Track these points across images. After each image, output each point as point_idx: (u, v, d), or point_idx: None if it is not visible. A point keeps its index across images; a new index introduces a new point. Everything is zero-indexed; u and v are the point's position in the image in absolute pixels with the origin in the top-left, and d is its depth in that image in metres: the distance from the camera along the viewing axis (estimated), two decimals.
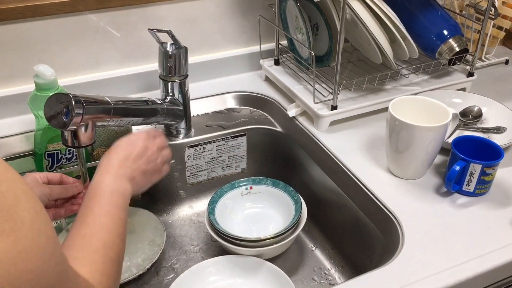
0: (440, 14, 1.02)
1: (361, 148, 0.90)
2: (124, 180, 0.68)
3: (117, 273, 0.59)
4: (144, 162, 0.73)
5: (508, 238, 0.71)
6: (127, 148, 0.72)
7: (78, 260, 0.55)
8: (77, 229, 0.60)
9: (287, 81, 1.04)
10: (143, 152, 0.73)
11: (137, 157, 0.72)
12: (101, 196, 0.64)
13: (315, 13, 0.98)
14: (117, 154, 0.70)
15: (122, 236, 0.63)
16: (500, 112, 0.96)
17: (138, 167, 0.71)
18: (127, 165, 0.70)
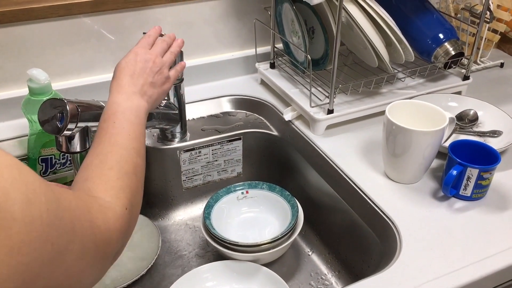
0: (436, 18, 1.02)
1: (357, 152, 0.90)
2: (136, 97, 0.68)
3: (136, 187, 0.59)
4: (149, 74, 0.72)
5: (506, 242, 0.71)
6: (128, 67, 0.71)
7: (93, 179, 0.55)
8: (93, 149, 0.61)
9: (283, 85, 1.03)
10: (145, 65, 0.72)
11: (141, 72, 0.71)
12: (115, 116, 0.64)
13: (311, 16, 0.98)
14: (121, 74, 0.70)
15: (139, 151, 0.63)
16: (496, 116, 0.96)
17: (145, 81, 0.71)
18: (133, 82, 0.70)
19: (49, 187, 0.41)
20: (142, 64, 0.72)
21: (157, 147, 0.97)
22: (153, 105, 0.73)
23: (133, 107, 0.67)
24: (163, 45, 0.78)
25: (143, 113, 0.68)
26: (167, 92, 0.77)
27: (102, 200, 0.53)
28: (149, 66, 0.73)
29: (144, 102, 0.69)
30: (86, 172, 0.57)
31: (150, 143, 0.98)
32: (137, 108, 0.67)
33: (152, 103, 0.73)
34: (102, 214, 0.50)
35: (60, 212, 0.41)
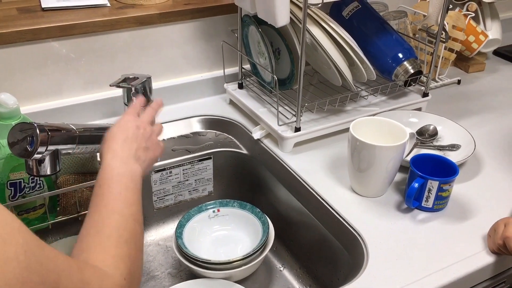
0: (395, 38, 1.07)
1: (324, 168, 0.92)
2: (130, 162, 0.67)
3: (136, 255, 0.57)
4: (142, 139, 0.71)
5: (466, 251, 0.75)
6: (121, 132, 0.70)
7: (91, 249, 0.53)
8: (89, 217, 0.59)
9: (251, 104, 1.06)
10: (137, 131, 0.72)
11: (134, 137, 0.70)
12: (110, 181, 0.62)
13: (276, 38, 1.01)
14: (114, 139, 0.69)
15: (137, 217, 0.61)
16: (454, 130, 1.01)
17: (138, 146, 0.70)
18: (127, 146, 0.69)
19: (31, 233, 0.41)
20: (134, 130, 0.71)
21: None
22: (147, 170, 0.71)
23: (129, 172, 0.65)
24: (152, 113, 0.78)
25: (139, 177, 0.66)
26: (158, 158, 0.76)
27: (99, 269, 0.51)
28: (140, 132, 0.72)
29: (139, 167, 0.67)
30: (82, 243, 0.55)
31: None
32: (133, 173, 0.65)
33: (146, 167, 0.71)
34: (98, 281, 0.48)
35: (42, 258, 0.40)
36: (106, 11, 1.02)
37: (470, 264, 0.73)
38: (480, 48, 1.28)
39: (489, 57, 1.42)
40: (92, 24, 0.98)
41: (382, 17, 1.12)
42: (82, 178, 0.92)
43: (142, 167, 0.69)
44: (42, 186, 0.90)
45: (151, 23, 1.03)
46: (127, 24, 1.01)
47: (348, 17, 1.10)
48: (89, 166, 0.92)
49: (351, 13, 1.10)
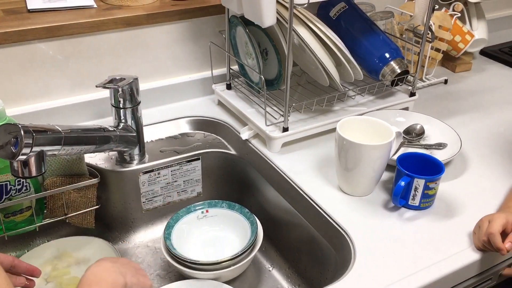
0: (382, 39, 1.08)
1: (312, 167, 0.93)
2: (115, 273, 0.65)
3: None
4: (131, 268, 0.69)
5: (453, 248, 0.75)
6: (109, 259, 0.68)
7: None
8: None
9: (239, 105, 1.06)
10: (128, 262, 0.70)
11: (123, 262, 0.69)
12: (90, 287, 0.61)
13: (264, 38, 1.02)
14: (101, 260, 0.67)
15: None
16: (441, 129, 1.02)
17: (126, 267, 0.68)
18: (115, 264, 0.67)
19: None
20: (124, 260, 0.70)
21: (116, 169, 0.98)
22: None
23: (110, 280, 0.63)
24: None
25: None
26: None
27: None
28: (132, 265, 0.70)
29: (123, 279, 0.65)
30: None
31: (109, 166, 0.98)
32: (114, 283, 0.63)
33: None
34: None
35: None
36: (93, 12, 1.02)
37: (456, 261, 0.73)
38: (466, 48, 1.29)
39: (476, 57, 1.43)
40: (78, 25, 0.98)
41: (369, 18, 1.13)
42: (69, 180, 0.91)
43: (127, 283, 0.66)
44: (29, 189, 0.89)
45: (138, 24, 1.03)
46: (114, 25, 1.01)
47: (335, 17, 1.10)
48: (76, 168, 0.92)
49: (338, 14, 1.10)
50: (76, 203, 0.94)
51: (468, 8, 1.34)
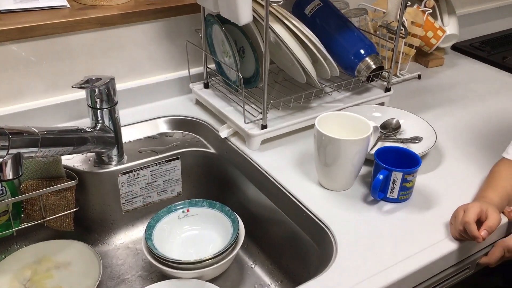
0: (357, 35, 1.10)
1: (292, 164, 0.94)
2: None
3: None
4: None
5: (431, 239, 0.77)
6: None
7: None
8: None
9: (217, 103, 1.06)
10: None
11: None
12: None
13: (240, 36, 1.02)
14: None
15: None
16: (416, 123, 1.04)
17: None
18: None
19: None
20: None
21: (94, 171, 0.97)
22: None
23: None
24: None
25: None
26: None
27: None
28: None
29: None
30: None
31: (87, 167, 0.97)
32: None
33: None
34: None
35: None
36: (66, 13, 1.00)
37: (435, 251, 0.75)
38: (438, 43, 1.32)
39: (448, 52, 1.46)
40: (52, 25, 0.96)
41: (344, 15, 1.14)
42: (46, 183, 0.90)
43: None
44: (5, 193, 0.87)
45: (113, 24, 1.02)
46: (89, 25, 0.99)
47: (310, 15, 1.11)
48: (53, 171, 0.90)
49: (313, 11, 1.11)
50: (54, 206, 0.92)
51: (439, 4, 1.37)
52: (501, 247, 0.80)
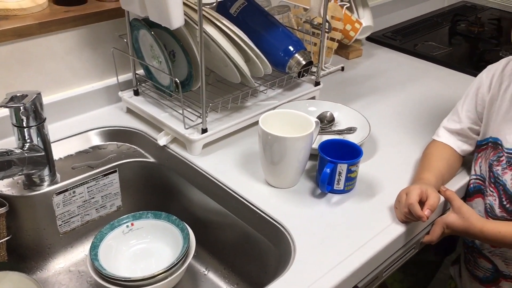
0: (284, 32, 1.11)
1: (237, 165, 0.93)
2: None
3: None
4: None
5: (380, 225, 0.80)
6: None
7: None
8: None
9: (151, 110, 1.02)
10: None
11: None
12: None
13: (170, 40, 0.99)
14: None
15: None
16: (348, 114, 1.07)
17: None
18: None
19: None
20: None
21: (25, 194, 0.89)
22: None
23: None
24: None
25: None
26: None
27: None
28: None
29: None
30: None
31: (16, 191, 0.89)
32: None
33: None
34: None
35: None
36: None
37: (385, 236, 0.78)
38: (357, 35, 1.38)
39: (364, 43, 1.53)
40: None
41: (268, 12, 1.15)
42: None
43: None
44: None
45: (31, 34, 0.95)
46: (3, 37, 0.91)
47: (236, 14, 1.11)
48: None
49: (238, 10, 1.11)
50: None
51: None
52: (441, 224, 0.85)
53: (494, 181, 0.87)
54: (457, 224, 0.84)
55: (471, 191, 0.94)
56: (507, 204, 0.85)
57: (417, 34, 1.60)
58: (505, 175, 0.85)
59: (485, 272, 0.95)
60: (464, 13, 1.76)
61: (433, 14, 1.78)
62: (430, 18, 1.75)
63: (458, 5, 1.90)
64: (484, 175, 0.90)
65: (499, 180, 0.86)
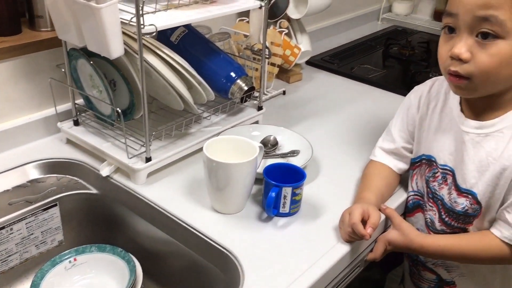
0: (225, 59, 1.13)
1: (183, 192, 0.92)
2: None
3: None
4: None
5: (326, 246, 0.82)
6: None
7: None
8: None
9: (93, 140, 1.00)
10: None
11: None
12: None
13: (110, 69, 0.98)
14: None
15: None
16: (291, 137, 1.10)
17: None
18: None
19: None
20: None
21: None
22: None
23: None
24: None
25: None
26: None
27: None
28: None
29: None
30: None
31: None
32: None
33: None
34: None
35: None
36: None
37: (331, 256, 0.80)
38: (296, 60, 1.42)
39: (304, 67, 1.58)
40: None
41: (209, 40, 1.17)
42: None
43: None
44: None
45: None
46: None
47: (176, 42, 1.12)
48: None
49: (179, 38, 1.12)
50: None
51: (291, 24, 1.48)
52: (383, 242, 0.89)
53: (432, 196, 0.92)
54: (398, 240, 0.87)
55: (410, 207, 0.98)
56: (446, 218, 0.89)
57: (354, 57, 1.67)
58: (441, 190, 0.90)
59: (430, 283, 0.99)
60: (395, 37, 1.86)
61: (368, 38, 1.87)
62: (365, 42, 1.83)
63: (390, 29, 2.01)
64: (421, 190, 0.95)
65: (436, 195, 0.91)
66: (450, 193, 0.88)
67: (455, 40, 0.77)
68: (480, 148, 0.83)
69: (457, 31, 0.77)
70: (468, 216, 0.86)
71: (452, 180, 0.87)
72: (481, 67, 0.75)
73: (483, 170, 0.83)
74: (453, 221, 0.88)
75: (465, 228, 0.88)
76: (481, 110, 0.84)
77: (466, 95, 0.84)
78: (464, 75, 0.77)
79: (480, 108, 0.84)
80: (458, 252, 0.86)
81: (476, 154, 0.83)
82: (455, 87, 0.81)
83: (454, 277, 0.95)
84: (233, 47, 1.28)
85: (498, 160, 0.81)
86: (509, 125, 0.81)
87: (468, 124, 0.85)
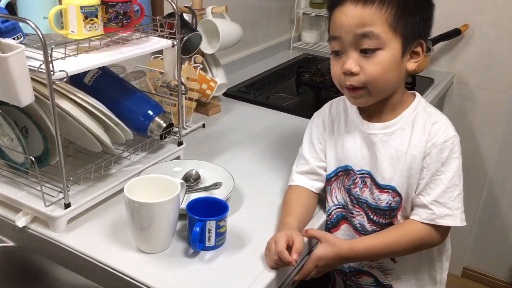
0: (142, 97, 1.13)
1: (106, 236, 0.91)
2: None
3: None
4: None
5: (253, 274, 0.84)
6: None
7: None
8: None
9: (5, 191, 0.96)
10: None
11: None
12: None
13: (21, 116, 0.95)
14: None
15: None
16: (212, 170, 1.12)
17: None
18: None
19: None
20: None
21: None
22: None
23: None
24: None
25: None
26: None
27: None
28: None
29: None
30: None
31: None
32: None
33: None
34: None
35: None
36: None
37: (259, 284, 0.82)
38: (213, 93, 1.45)
39: (222, 99, 1.61)
40: None
41: (124, 79, 1.17)
42: None
43: None
44: None
45: None
46: None
47: (90, 83, 1.11)
48: None
49: (93, 79, 1.11)
50: None
51: (206, 58, 1.52)
52: (313, 260, 0.91)
53: (356, 202, 0.98)
54: (327, 252, 0.90)
55: (335, 222, 1.03)
56: (374, 217, 0.97)
57: (269, 86, 1.74)
58: (364, 193, 0.97)
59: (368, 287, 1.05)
60: (306, 65, 1.96)
61: (281, 67, 1.95)
62: (278, 71, 1.91)
63: (301, 57, 2.11)
64: (343, 202, 1.01)
65: (360, 199, 0.97)
66: (372, 193, 0.96)
67: (344, 59, 0.89)
68: (389, 146, 0.93)
69: (344, 51, 0.89)
70: (393, 209, 0.95)
71: (371, 181, 0.96)
72: (371, 75, 0.87)
73: (395, 164, 0.92)
74: (380, 218, 0.96)
75: (392, 223, 0.96)
76: (380, 114, 0.95)
77: (364, 103, 0.94)
78: (359, 86, 0.89)
79: (378, 112, 0.95)
80: (384, 245, 0.92)
81: (387, 152, 0.93)
82: (353, 98, 0.93)
83: (391, 281, 1.02)
84: (149, 85, 1.29)
85: (407, 152, 0.92)
86: (407, 122, 0.93)
87: (374, 127, 0.95)
